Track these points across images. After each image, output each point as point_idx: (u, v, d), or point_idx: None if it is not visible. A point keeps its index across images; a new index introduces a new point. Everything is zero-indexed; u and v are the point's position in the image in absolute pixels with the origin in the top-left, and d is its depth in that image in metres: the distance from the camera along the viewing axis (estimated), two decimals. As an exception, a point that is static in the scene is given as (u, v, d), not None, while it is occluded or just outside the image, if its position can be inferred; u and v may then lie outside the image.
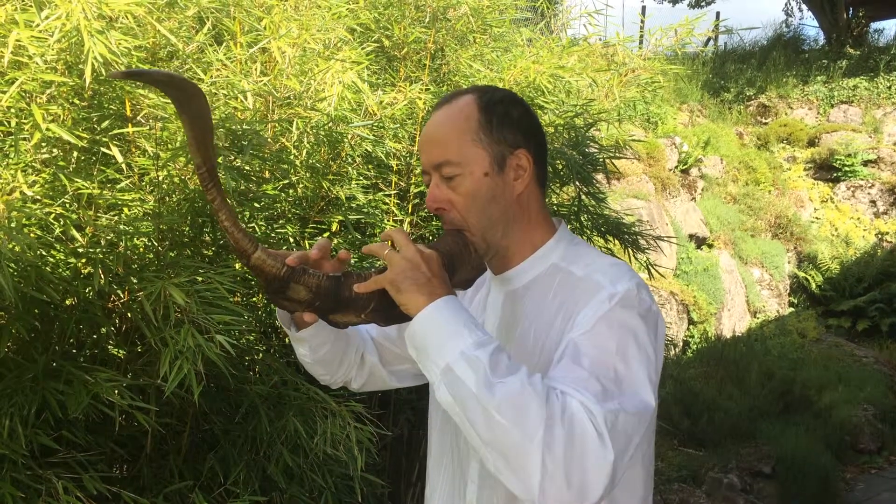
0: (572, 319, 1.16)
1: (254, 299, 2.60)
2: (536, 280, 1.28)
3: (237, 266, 2.51)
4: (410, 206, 3.02)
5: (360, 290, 1.18)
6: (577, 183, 3.15)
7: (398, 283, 1.12)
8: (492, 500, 1.26)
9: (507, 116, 1.26)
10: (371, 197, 2.87)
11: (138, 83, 2.22)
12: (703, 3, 17.36)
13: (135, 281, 2.17)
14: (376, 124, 2.70)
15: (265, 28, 2.53)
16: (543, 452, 0.98)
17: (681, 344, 7.57)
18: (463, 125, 1.24)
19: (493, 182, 1.24)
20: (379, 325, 1.24)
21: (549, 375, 1.10)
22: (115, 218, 2.24)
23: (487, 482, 1.27)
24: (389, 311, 1.18)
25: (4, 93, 1.95)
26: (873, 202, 11.02)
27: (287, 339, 2.18)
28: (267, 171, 2.59)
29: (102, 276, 2.08)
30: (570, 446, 0.99)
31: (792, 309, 9.67)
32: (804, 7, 15.96)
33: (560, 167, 3.11)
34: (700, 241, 9.10)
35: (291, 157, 2.60)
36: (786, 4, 16.56)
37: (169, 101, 2.20)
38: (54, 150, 2.20)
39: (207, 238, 2.49)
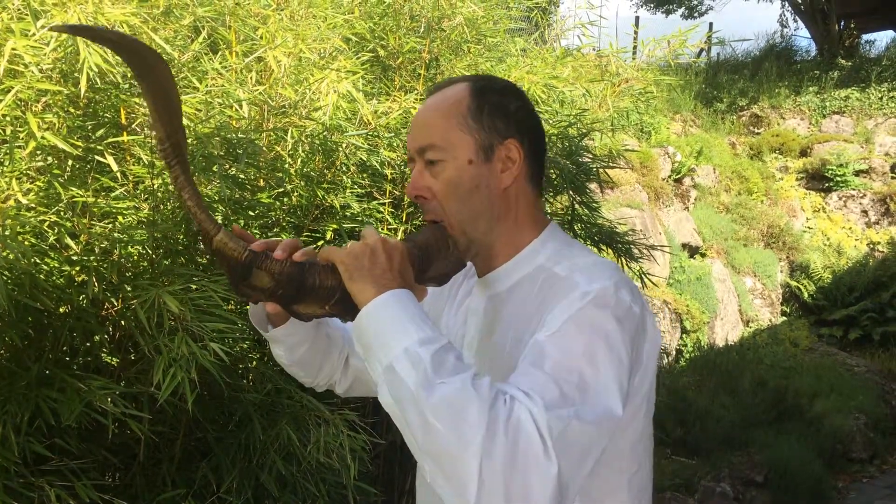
0: (543, 319, 1.07)
1: (247, 307, 2.60)
2: (520, 283, 1.18)
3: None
4: (405, 215, 3.03)
5: (320, 258, 1.11)
6: (571, 192, 3.17)
7: (350, 270, 1.05)
8: None
9: (501, 105, 1.18)
10: (366, 205, 2.88)
11: (133, 90, 2.23)
12: (696, 15, 17.45)
13: (129, 289, 2.17)
14: (371, 133, 2.71)
15: (261, 37, 2.54)
16: (481, 461, 0.88)
17: (674, 353, 7.58)
18: (451, 109, 1.16)
19: (477, 171, 1.15)
20: (343, 320, 1.14)
21: (508, 379, 1.00)
22: (110, 226, 2.25)
23: None
24: (356, 305, 1.08)
25: (0, 101, 1.96)
26: (865, 212, 11.07)
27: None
28: (262, 180, 2.60)
29: (96, 283, 2.08)
30: (512, 456, 0.89)
31: (784, 318, 9.70)
32: (795, 18, 16.08)
33: (554, 176, 3.13)
34: (693, 251, 9.13)
35: (286, 165, 2.61)
36: (780, 15, 16.69)
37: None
38: (49, 158, 2.20)
39: (202, 246, 2.49)
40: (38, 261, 2.10)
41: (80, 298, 2.15)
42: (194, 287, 2.10)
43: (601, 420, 0.97)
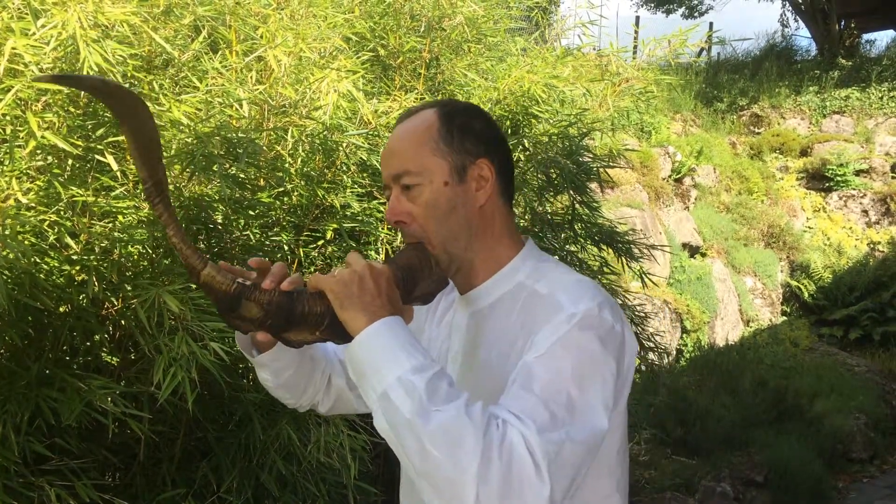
0: (531, 341, 1.11)
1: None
2: (502, 299, 1.22)
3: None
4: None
5: (309, 286, 1.13)
6: (571, 192, 3.17)
7: (341, 298, 1.07)
8: None
9: (468, 127, 1.23)
10: (366, 205, 2.88)
11: (135, 89, 2.22)
12: (696, 14, 17.44)
13: (129, 288, 2.17)
14: (371, 133, 2.71)
15: (261, 37, 2.54)
16: (478, 486, 0.93)
17: (674, 352, 7.58)
18: (422, 136, 1.21)
19: (453, 192, 1.20)
20: (335, 343, 1.16)
21: (498, 402, 1.05)
22: (110, 225, 2.25)
23: None
24: (345, 330, 1.11)
25: (0, 100, 1.96)
26: (865, 212, 11.07)
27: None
28: (262, 179, 2.60)
29: (96, 283, 2.08)
30: (507, 480, 0.94)
31: (784, 318, 9.69)
32: (798, 18, 16.07)
33: (554, 176, 3.13)
34: (693, 250, 9.13)
35: (286, 165, 2.61)
36: (781, 15, 16.69)
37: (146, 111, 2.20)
38: (49, 157, 2.20)
39: (202, 245, 2.49)
40: (38, 260, 2.10)
41: (81, 298, 2.15)
42: (194, 286, 2.10)
43: (590, 439, 1.03)
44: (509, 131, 3.31)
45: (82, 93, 2.03)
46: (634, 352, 1.18)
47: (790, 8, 16.19)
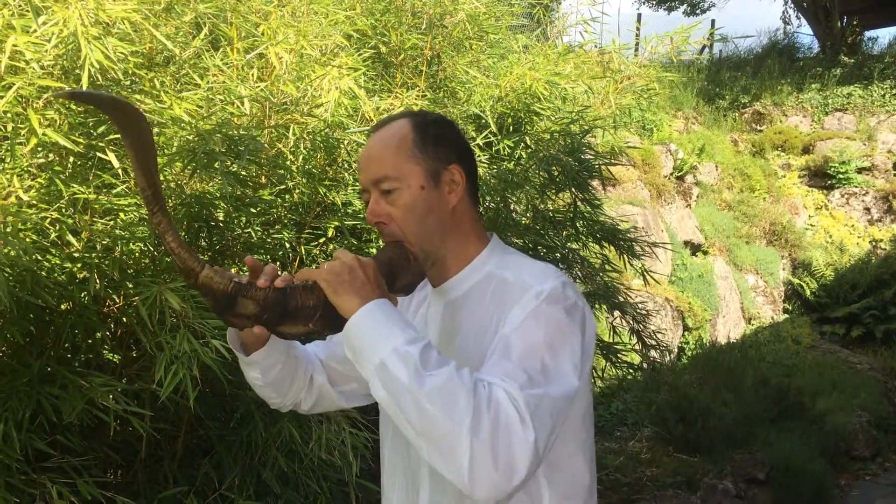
0: (504, 319, 1.23)
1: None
2: (473, 289, 1.34)
3: (233, 271, 2.50)
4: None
5: (298, 279, 1.22)
6: (573, 189, 3.16)
7: (334, 285, 1.18)
8: (442, 502, 1.31)
9: (441, 136, 1.35)
10: (367, 202, 2.87)
11: (135, 87, 2.22)
12: (698, 12, 17.44)
13: (130, 286, 2.17)
14: (373, 130, 2.70)
15: (262, 34, 2.53)
16: (471, 438, 1.05)
17: (676, 350, 7.58)
18: (399, 143, 1.32)
19: (429, 195, 1.31)
20: (326, 334, 1.25)
21: (480, 370, 1.17)
22: (111, 223, 2.25)
23: (438, 487, 1.32)
24: (335, 320, 1.19)
25: (1, 98, 1.96)
26: (867, 209, 11.06)
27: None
28: (263, 177, 2.59)
29: (98, 280, 2.08)
30: (496, 431, 1.06)
31: (786, 315, 9.69)
32: (798, 15, 16.04)
33: (556, 173, 3.12)
34: (695, 248, 9.12)
35: (288, 162, 2.61)
36: (783, 12, 16.65)
37: (151, 111, 2.20)
38: (50, 154, 2.20)
39: (203, 243, 2.49)
40: (39, 258, 2.10)
41: (82, 295, 2.15)
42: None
43: (564, 394, 1.17)
44: (511, 129, 3.31)
45: (83, 89, 2.03)
46: (594, 329, 1.31)
47: (792, 5, 16.16)
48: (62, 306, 2.19)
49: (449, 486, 1.24)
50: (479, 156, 3.13)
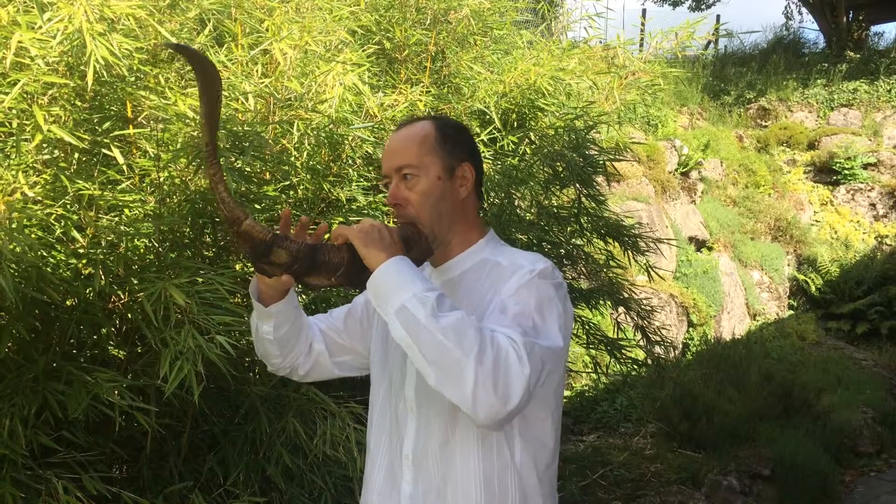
0: (499, 290, 1.43)
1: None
2: (469, 270, 1.54)
3: (237, 267, 2.51)
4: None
5: (332, 235, 1.39)
6: (578, 185, 3.16)
7: (365, 240, 1.37)
8: (426, 450, 1.45)
9: (457, 138, 1.55)
10: (371, 199, 2.88)
11: (139, 84, 2.22)
12: (703, 7, 17.34)
13: (135, 282, 2.17)
14: (377, 126, 2.70)
15: (266, 30, 2.53)
16: (476, 367, 1.23)
17: (680, 346, 7.57)
18: (423, 138, 1.52)
19: (444, 185, 1.51)
20: (346, 287, 1.45)
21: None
22: (116, 219, 2.25)
23: (421, 436, 1.47)
24: (357, 276, 1.38)
25: (6, 94, 1.96)
26: (873, 205, 11.02)
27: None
28: (268, 173, 2.59)
29: (103, 276, 2.08)
30: (497, 363, 1.25)
31: (791, 312, 9.67)
32: (804, 10, 15.97)
33: (560, 169, 3.12)
34: (700, 244, 9.10)
35: (292, 158, 2.61)
36: (786, 7, 16.56)
37: (155, 107, 2.20)
38: (55, 151, 2.21)
39: (208, 239, 2.49)
40: (44, 254, 2.10)
41: (87, 291, 2.16)
42: (200, 280, 2.10)
43: (552, 348, 1.36)
44: (515, 124, 3.30)
45: (88, 86, 2.03)
46: (572, 313, 1.54)
47: (796, 0, 16.09)
48: (67, 302, 2.19)
49: (433, 437, 1.44)
50: (483, 152, 3.13)
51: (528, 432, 1.45)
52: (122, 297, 2.27)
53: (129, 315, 2.27)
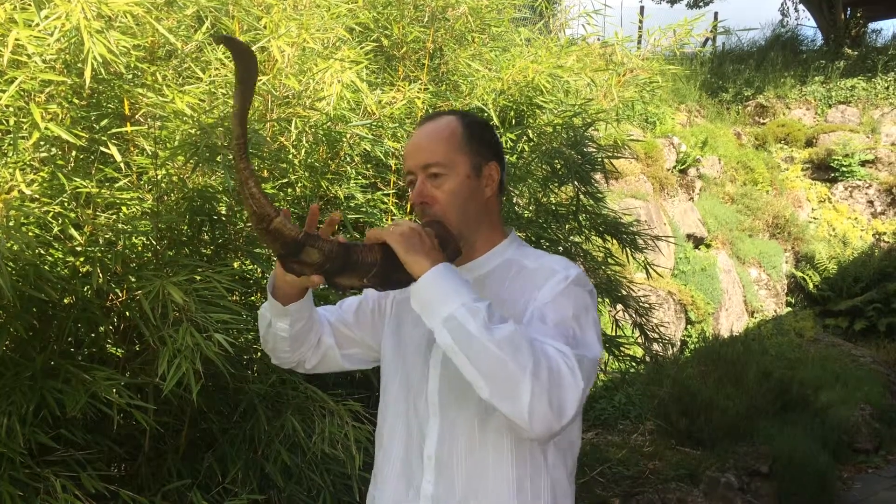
0: (534, 295, 1.41)
1: (252, 298, 2.61)
2: (493, 271, 1.51)
3: (235, 265, 2.51)
4: (409, 206, 3.02)
5: (368, 237, 1.35)
6: (576, 182, 3.15)
7: (406, 246, 1.32)
8: (451, 452, 1.42)
9: (484, 136, 1.53)
10: (370, 196, 2.88)
11: (137, 81, 2.22)
12: (701, 4, 17.34)
13: (133, 280, 2.17)
14: (375, 123, 2.70)
15: (264, 27, 2.53)
16: (532, 381, 1.21)
17: (678, 343, 7.57)
18: (451, 136, 1.48)
19: (472, 184, 1.48)
20: (378, 290, 1.41)
21: None
22: (114, 217, 2.25)
23: (445, 437, 1.44)
24: (388, 276, 1.35)
25: (4, 92, 1.96)
26: (871, 202, 11.03)
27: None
28: (266, 170, 2.59)
29: (101, 274, 2.08)
30: (551, 377, 1.23)
31: (789, 309, 9.68)
32: (801, 7, 15.96)
33: (559, 167, 3.11)
34: (698, 241, 9.10)
35: (290, 156, 2.61)
36: (782, 4, 16.56)
37: (153, 104, 2.20)
38: (53, 148, 2.20)
39: (206, 237, 2.49)
40: (42, 252, 2.10)
41: (85, 289, 2.15)
42: (198, 278, 2.10)
43: (595, 359, 1.35)
44: (513, 122, 3.30)
45: (86, 83, 2.03)
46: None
47: (795, -2, 16.09)
48: (65, 300, 2.19)
49: (459, 438, 1.41)
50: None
51: (561, 435, 1.44)
52: (121, 294, 2.26)
53: (128, 313, 2.27)
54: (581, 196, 3.20)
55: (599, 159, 3.23)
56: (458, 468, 1.41)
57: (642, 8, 17.27)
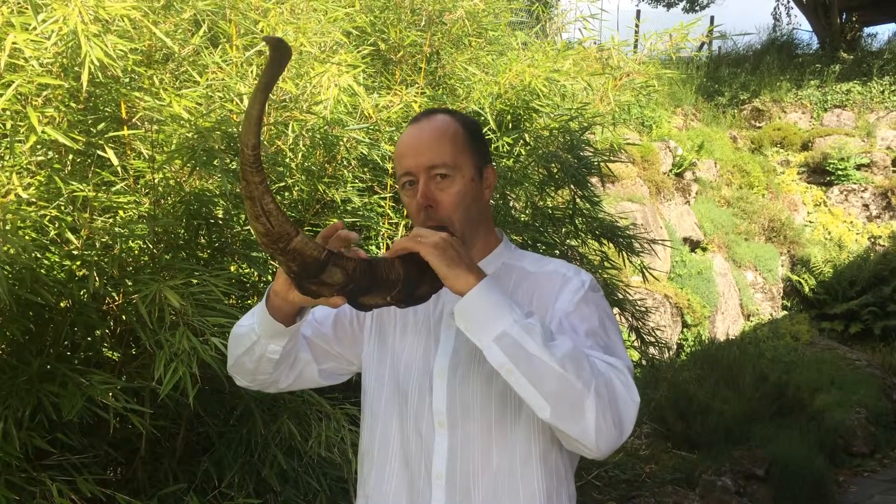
0: (551, 302, 1.38)
1: (249, 302, 2.61)
2: (494, 275, 1.41)
3: (232, 268, 2.51)
4: (405, 210, 3.03)
5: (394, 248, 1.24)
6: (572, 186, 3.16)
7: (444, 258, 1.23)
8: (466, 470, 1.35)
9: (480, 137, 1.49)
10: (366, 200, 2.88)
11: (133, 85, 2.22)
12: (697, 8, 17.38)
13: (130, 283, 2.17)
14: (372, 127, 2.70)
15: (261, 31, 2.53)
16: (596, 399, 1.18)
17: (674, 347, 7.58)
18: (454, 136, 1.42)
19: (475, 186, 1.43)
20: (401, 307, 1.29)
21: None
22: (111, 220, 2.24)
23: (457, 454, 1.36)
24: (412, 293, 1.25)
25: (1, 95, 1.95)
26: (866, 206, 11.06)
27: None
28: (262, 174, 2.59)
29: (97, 278, 2.08)
30: (612, 393, 1.20)
31: (785, 312, 9.70)
32: (795, 12, 16.03)
33: (555, 170, 3.12)
34: (694, 245, 9.12)
35: (287, 159, 2.61)
36: (774, 9, 16.60)
37: (150, 108, 2.20)
38: (50, 152, 2.20)
39: (203, 240, 2.49)
40: (38, 255, 2.10)
41: (81, 293, 2.15)
42: (195, 282, 2.10)
43: (631, 368, 1.31)
44: (510, 125, 3.31)
45: (83, 87, 2.03)
46: None
47: (785, 2, 16.14)
48: (62, 304, 2.19)
49: (472, 455, 1.34)
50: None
51: None
52: (117, 298, 2.26)
53: (124, 317, 2.27)
54: (577, 200, 3.21)
55: (596, 163, 3.24)
56: (474, 485, 1.34)
57: (638, 12, 17.30)
